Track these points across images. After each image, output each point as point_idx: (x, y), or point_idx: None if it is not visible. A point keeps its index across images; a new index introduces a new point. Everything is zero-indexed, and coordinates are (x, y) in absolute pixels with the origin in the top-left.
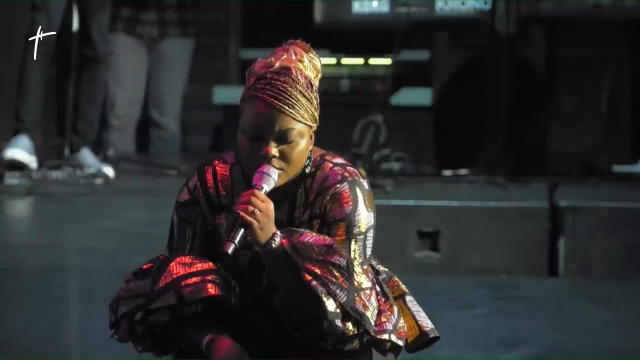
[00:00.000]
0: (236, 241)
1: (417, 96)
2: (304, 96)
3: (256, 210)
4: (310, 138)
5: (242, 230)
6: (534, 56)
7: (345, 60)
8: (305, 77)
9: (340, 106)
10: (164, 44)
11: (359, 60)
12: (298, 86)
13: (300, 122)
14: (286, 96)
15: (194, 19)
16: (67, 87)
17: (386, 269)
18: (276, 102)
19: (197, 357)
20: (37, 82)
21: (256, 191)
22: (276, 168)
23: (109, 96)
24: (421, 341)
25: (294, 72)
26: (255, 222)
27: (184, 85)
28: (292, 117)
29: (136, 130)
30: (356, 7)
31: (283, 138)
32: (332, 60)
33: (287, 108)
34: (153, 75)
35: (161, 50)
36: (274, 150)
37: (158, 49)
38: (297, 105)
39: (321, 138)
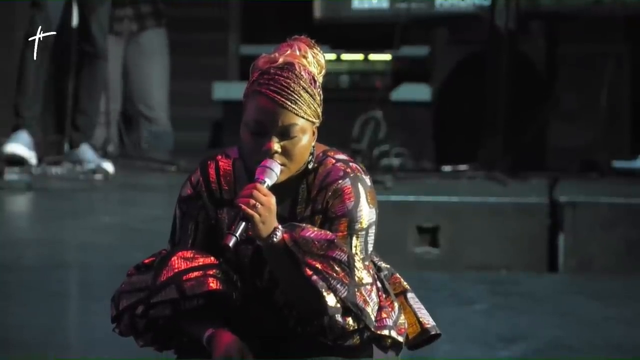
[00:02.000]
0: (237, 234)
1: (417, 92)
2: (307, 92)
3: (258, 203)
4: (313, 134)
5: (243, 224)
6: (533, 52)
7: (345, 56)
8: (309, 73)
9: (340, 102)
10: (140, 37)
11: (359, 56)
12: (301, 82)
13: (303, 117)
14: (289, 92)
15: (166, 8)
16: (66, 83)
17: (388, 266)
18: (279, 97)
19: (198, 352)
20: (36, 78)
21: (258, 185)
22: (278, 163)
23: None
24: (422, 338)
25: (297, 67)
26: (256, 216)
27: (167, 76)
28: (294, 112)
29: (128, 127)
30: (356, 3)
31: (285, 134)
32: (331, 56)
33: (289, 104)
34: (134, 69)
35: (140, 43)
36: (276, 146)
37: (135, 43)
38: (299, 101)
39: (320, 134)
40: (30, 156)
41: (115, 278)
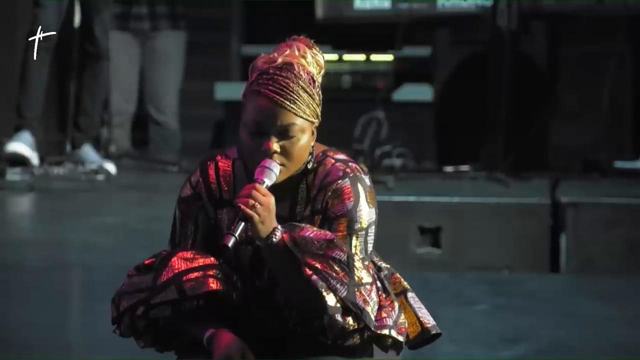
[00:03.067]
0: (236, 234)
1: (419, 92)
2: (306, 92)
3: (257, 203)
4: (312, 134)
5: (242, 224)
6: (535, 52)
7: (347, 57)
8: (308, 73)
9: (342, 102)
10: (156, 39)
11: (361, 57)
12: (300, 82)
13: (302, 117)
14: (288, 92)
15: (185, 12)
16: (68, 84)
17: (388, 266)
18: (278, 97)
19: (198, 353)
20: (38, 78)
21: (257, 185)
22: (278, 163)
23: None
24: (423, 338)
25: (296, 67)
26: (255, 216)
27: (179, 80)
28: (293, 112)
29: (134, 127)
30: (358, 3)
31: (284, 133)
32: (333, 56)
33: (288, 103)
34: (148, 71)
35: (154, 46)
36: (275, 146)
37: (151, 45)
38: (298, 100)
39: (322, 134)
40: (32, 156)
41: (117, 278)
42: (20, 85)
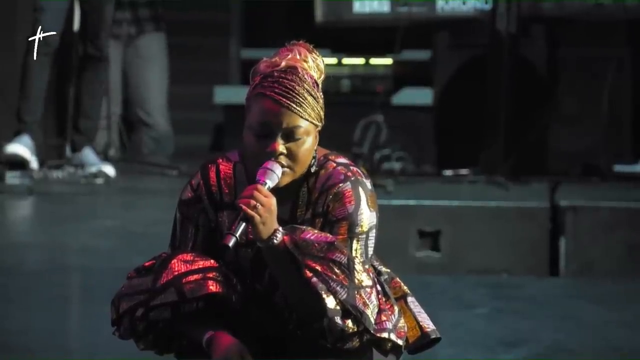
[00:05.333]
0: (237, 234)
1: (418, 96)
2: (311, 95)
3: (258, 204)
4: (316, 137)
5: (243, 224)
6: (534, 56)
7: (346, 60)
8: (311, 77)
9: (341, 106)
10: (139, 42)
11: (360, 60)
12: (305, 85)
13: (307, 120)
14: (294, 94)
15: (164, 13)
16: (68, 86)
17: (388, 270)
18: (284, 99)
19: (198, 355)
20: (38, 82)
21: (259, 186)
22: (283, 165)
23: None
24: (422, 342)
25: (300, 71)
26: (257, 217)
27: (165, 81)
28: (299, 115)
29: (126, 131)
30: (357, 7)
31: (290, 135)
32: (333, 60)
33: (294, 106)
34: (133, 73)
35: (138, 48)
36: (281, 147)
37: (134, 47)
38: (304, 103)
39: (322, 138)
40: (32, 159)
41: (117, 281)
42: (20, 90)
